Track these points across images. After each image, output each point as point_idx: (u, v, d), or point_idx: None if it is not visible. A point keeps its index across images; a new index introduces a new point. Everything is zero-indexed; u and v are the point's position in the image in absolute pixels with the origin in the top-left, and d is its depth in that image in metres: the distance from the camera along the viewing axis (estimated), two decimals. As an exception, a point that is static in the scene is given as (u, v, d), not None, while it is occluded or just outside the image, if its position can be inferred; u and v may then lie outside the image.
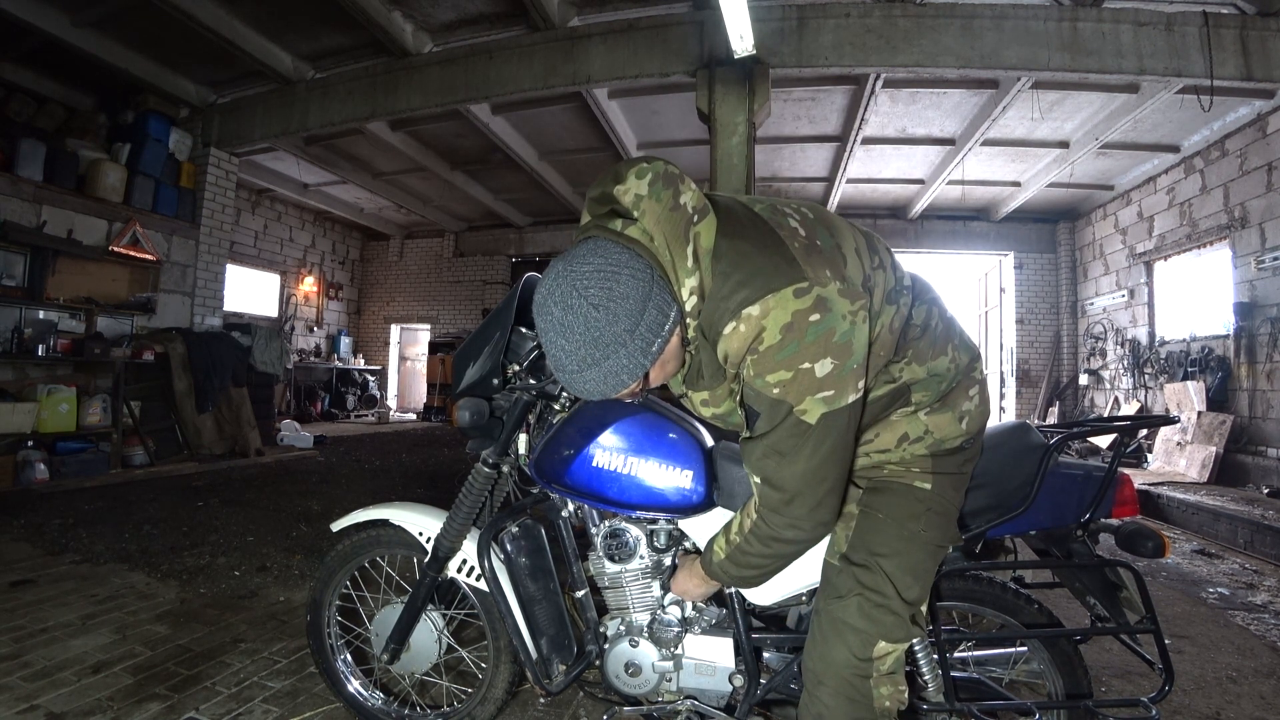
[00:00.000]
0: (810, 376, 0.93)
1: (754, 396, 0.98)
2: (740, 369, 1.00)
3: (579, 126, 7.24)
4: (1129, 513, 1.23)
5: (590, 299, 0.90)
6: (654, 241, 0.97)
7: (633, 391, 1.03)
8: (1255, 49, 4.74)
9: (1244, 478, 6.01)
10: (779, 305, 0.92)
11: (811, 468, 0.98)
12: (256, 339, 7.42)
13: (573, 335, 0.91)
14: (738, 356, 0.97)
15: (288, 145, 7.54)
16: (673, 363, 1.04)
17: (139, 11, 5.31)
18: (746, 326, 0.94)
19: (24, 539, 3.47)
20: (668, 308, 0.95)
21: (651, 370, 1.00)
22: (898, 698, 1.09)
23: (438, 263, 12.34)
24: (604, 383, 0.94)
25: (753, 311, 0.93)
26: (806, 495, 1.00)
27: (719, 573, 1.19)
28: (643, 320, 0.92)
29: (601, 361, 0.92)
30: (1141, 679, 2.12)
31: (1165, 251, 7.65)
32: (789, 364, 0.92)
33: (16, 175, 5.56)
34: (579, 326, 0.90)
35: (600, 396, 0.98)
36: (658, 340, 0.94)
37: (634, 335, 0.91)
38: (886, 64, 4.97)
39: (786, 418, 0.96)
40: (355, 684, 1.76)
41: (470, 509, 1.51)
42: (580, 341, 0.91)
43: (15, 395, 5.16)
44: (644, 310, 0.91)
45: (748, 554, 1.11)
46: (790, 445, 0.97)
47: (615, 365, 0.92)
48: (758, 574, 1.16)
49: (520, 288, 1.49)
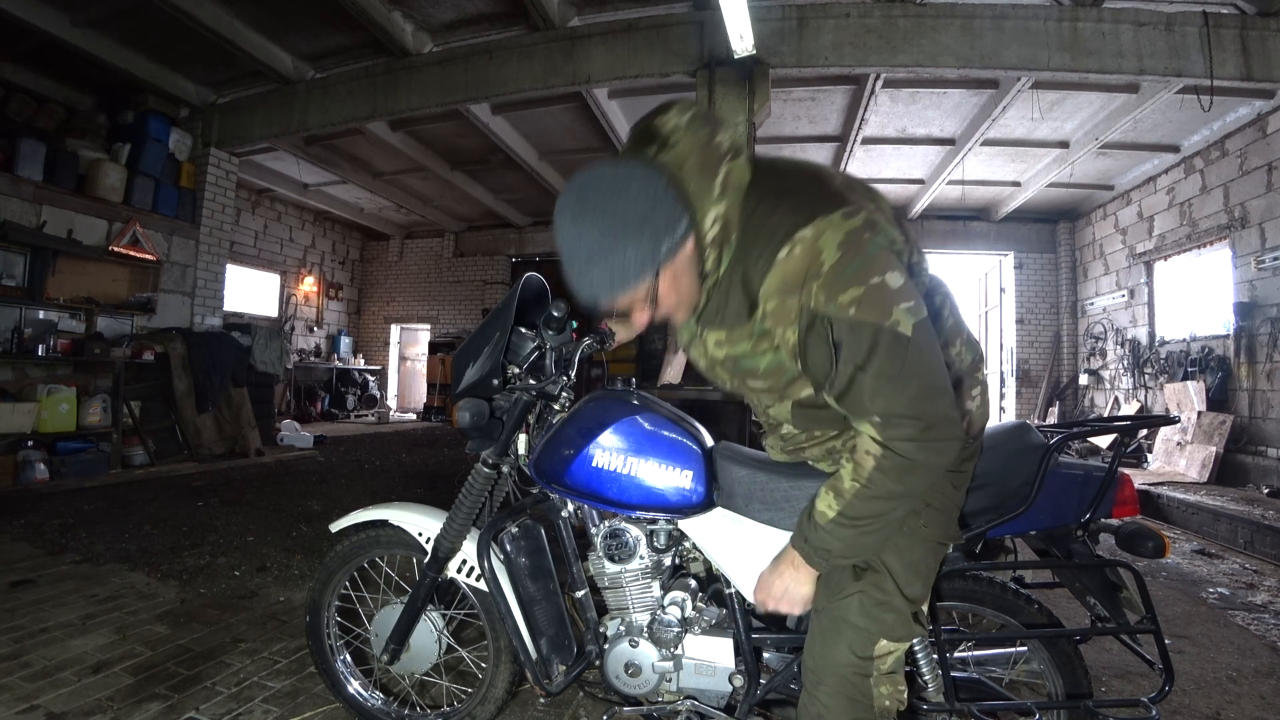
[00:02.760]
0: (885, 289, 0.91)
1: (830, 328, 0.93)
2: (799, 305, 0.94)
3: (579, 126, 7.24)
4: (1129, 513, 1.23)
5: (603, 196, 0.92)
6: (681, 169, 0.98)
7: (641, 304, 1.01)
8: (1255, 49, 4.74)
9: (1244, 478, 6.01)
10: (831, 227, 0.92)
11: (928, 383, 0.92)
12: (256, 339, 7.42)
13: (582, 228, 0.93)
14: (795, 284, 0.94)
15: (288, 145, 7.54)
16: (684, 281, 1.01)
17: (139, 11, 5.31)
18: (802, 249, 0.93)
19: (24, 539, 3.47)
20: (679, 216, 0.95)
21: (661, 285, 0.99)
22: (897, 697, 1.09)
23: (438, 263, 12.34)
24: (612, 277, 0.94)
25: (805, 234, 0.93)
26: (936, 410, 0.93)
27: (831, 541, 1.02)
28: (651, 218, 0.92)
29: (608, 254, 0.93)
30: (1141, 679, 2.12)
31: (1165, 251, 7.65)
32: (859, 279, 0.91)
33: (16, 175, 5.56)
34: (589, 220, 0.93)
35: (609, 297, 0.96)
36: (667, 241, 0.94)
37: (642, 232, 0.92)
38: (886, 64, 4.97)
39: (880, 337, 0.90)
40: (355, 684, 1.76)
41: (470, 509, 1.51)
42: (590, 234, 0.93)
43: (15, 395, 5.16)
44: (653, 211, 0.92)
45: (874, 498, 0.97)
46: (896, 366, 0.91)
47: (623, 258, 0.93)
48: (879, 526, 1.00)
49: (520, 288, 1.49)
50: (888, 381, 0.91)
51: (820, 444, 1.18)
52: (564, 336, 1.51)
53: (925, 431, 0.93)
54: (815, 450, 1.19)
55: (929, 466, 0.96)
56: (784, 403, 1.16)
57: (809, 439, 1.19)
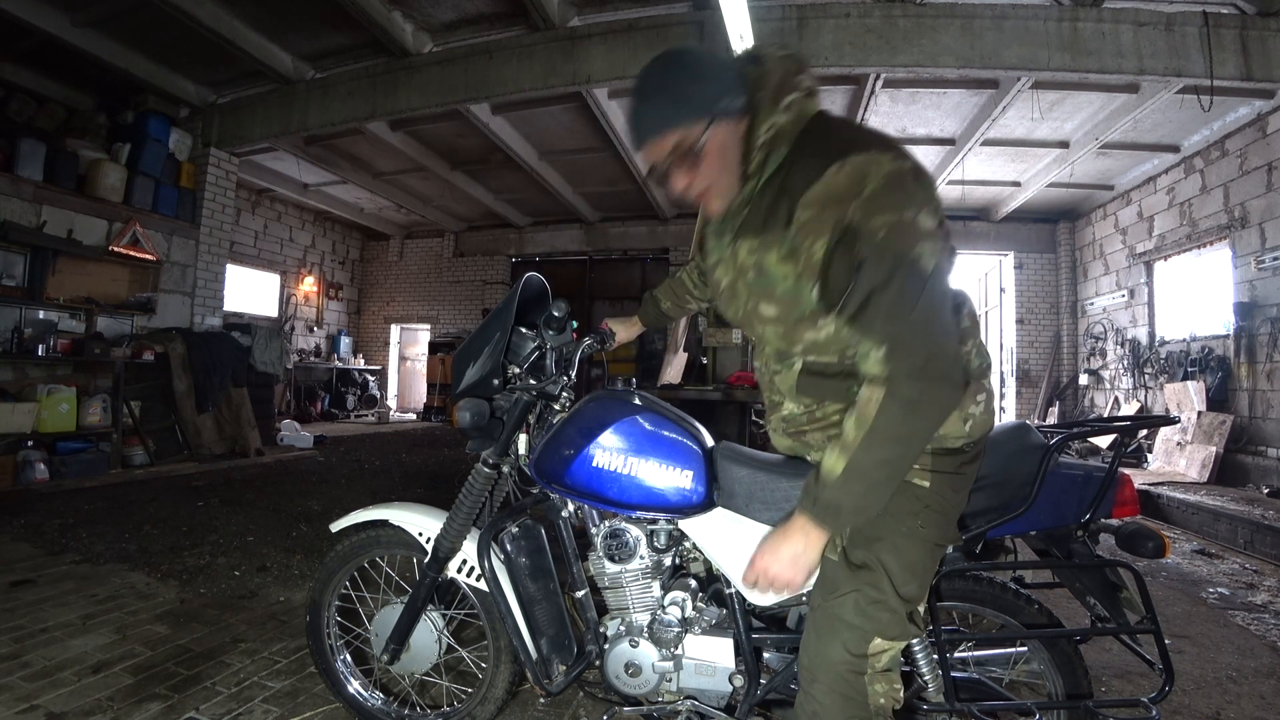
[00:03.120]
0: (916, 225, 0.96)
1: (857, 246, 0.96)
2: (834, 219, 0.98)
3: (579, 126, 7.24)
4: (1129, 513, 1.23)
5: (687, 55, 1.06)
6: (759, 79, 1.07)
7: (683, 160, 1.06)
8: (1255, 49, 4.74)
9: (1244, 478, 6.01)
10: (882, 161, 0.97)
11: (937, 319, 0.96)
12: (256, 339, 7.42)
13: (659, 68, 1.06)
14: (835, 199, 0.97)
15: (288, 145, 7.54)
16: (728, 158, 1.07)
17: (139, 11, 5.31)
18: (850, 170, 0.97)
19: (24, 539, 3.47)
20: (741, 93, 1.05)
21: (708, 142, 1.04)
22: (893, 695, 1.09)
23: (438, 263, 12.34)
24: (660, 112, 1.04)
25: (857, 159, 0.97)
26: (942, 347, 0.96)
27: (840, 496, 0.99)
28: (718, 80, 1.03)
29: (661, 92, 1.04)
30: (1141, 679, 2.12)
31: (1165, 251, 7.65)
32: (895, 208, 0.95)
33: (16, 175, 5.56)
34: (668, 65, 1.05)
35: (654, 131, 1.05)
36: (725, 101, 1.03)
37: (708, 83, 1.03)
38: (886, 64, 4.97)
39: (901, 265, 0.94)
40: (355, 684, 1.76)
41: (470, 509, 1.51)
42: (665, 74, 1.05)
43: (15, 395, 5.16)
44: (721, 76, 1.04)
45: (880, 443, 0.96)
46: (912, 296, 0.94)
47: (675, 100, 1.03)
48: (887, 476, 0.99)
49: (520, 288, 1.49)
50: (901, 307, 0.94)
51: (821, 426, 1.18)
52: (564, 336, 1.51)
53: (929, 364, 0.94)
54: (816, 435, 1.19)
55: (932, 406, 0.97)
56: (791, 367, 1.17)
57: (810, 420, 1.18)
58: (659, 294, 1.82)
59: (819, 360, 1.13)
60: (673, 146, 1.05)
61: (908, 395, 0.95)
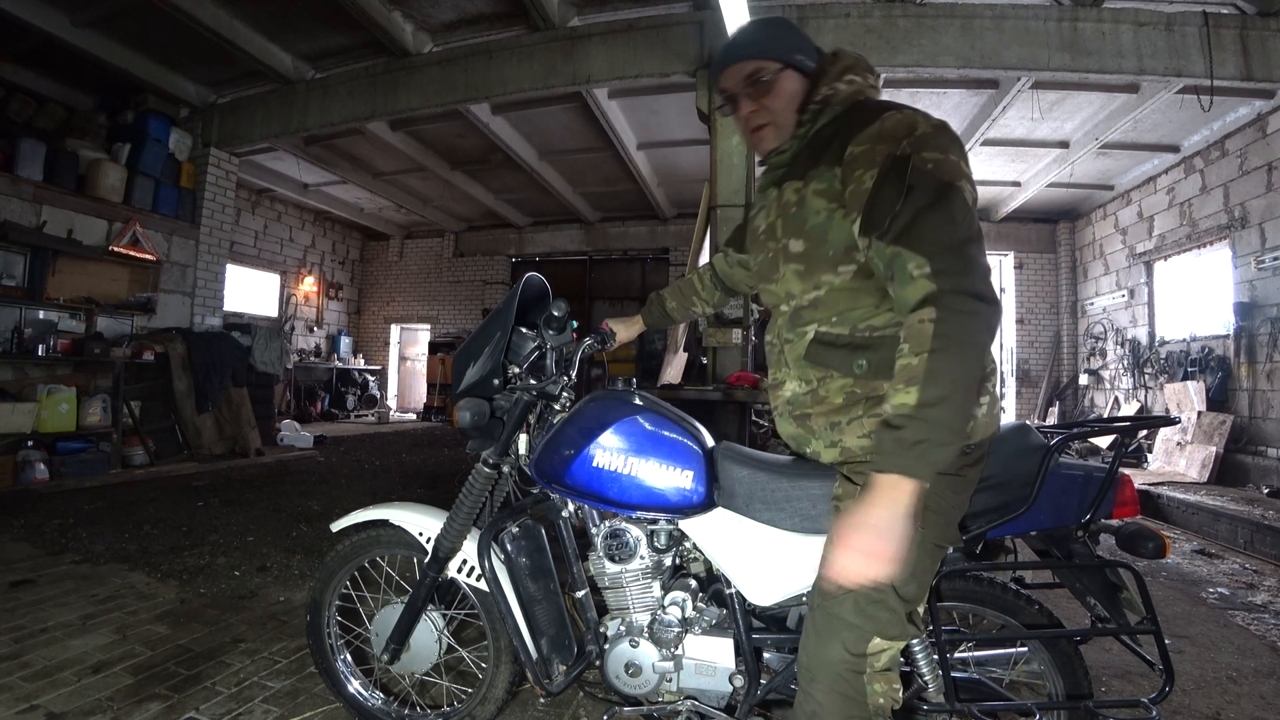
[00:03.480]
0: (961, 166, 1.05)
1: (906, 175, 1.03)
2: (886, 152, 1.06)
3: (579, 126, 7.24)
4: (1130, 513, 1.23)
5: (763, 18, 1.30)
6: (832, 59, 1.24)
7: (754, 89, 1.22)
8: (1255, 49, 4.74)
9: (1244, 478, 6.01)
10: (929, 117, 1.09)
11: (981, 247, 1.01)
12: (256, 339, 7.42)
13: (742, 27, 1.30)
14: (888, 138, 1.06)
15: (288, 145, 7.54)
16: (790, 98, 1.23)
17: (139, 11, 5.31)
18: (902, 117, 1.08)
19: (24, 539, 3.47)
20: (812, 57, 1.24)
21: (780, 80, 1.22)
22: (892, 695, 1.09)
23: (438, 263, 12.34)
24: (746, 46, 1.24)
25: (907, 112, 1.09)
26: (982, 264, 0.99)
27: (923, 428, 0.92)
28: (797, 42, 1.24)
29: (749, 32, 1.27)
30: (1141, 679, 2.12)
31: (1165, 251, 7.65)
32: (943, 149, 1.04)
33: (16, 175, 5.56)
34: (749, 23, 1.30)
35: (737, 57, 1.24)
36: (795, 56, 1.22)
37: (789, 38, 1.24)
38: (886, 64, 4.97)
39: (948, 190, 1.01)
40: (355, 684, 1.76)
41: (470, 509, 1.51)
42: (745, 28, 1.29)
43: (15, 395, 5.16)
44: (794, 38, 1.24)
45: (952, 351, 0.93)
46: (958, 217, 1.00)
47: (759, 40, 1.24)
48: (962, 393, 0.94)
49: (521, 287, 1.49)
50: (948, 224, 0.99)
51: (825, 411, 1.19)
52: (565, 336, 1.51)
53: (973, 281, 0.97)
54: (820, 420, 1.20)
55: (980, 320, 0.96)
56: (802, 337, 1.21)
57: (813, 400, 1.20)
58: (665, 295, 1.82)
59: (830, 331, 1.17)
60: (749, 73, 1.23)
61: (960, 308, 0.95)
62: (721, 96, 1.30)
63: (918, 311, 0.98)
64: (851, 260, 1.13)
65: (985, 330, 0.96)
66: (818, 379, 1.19)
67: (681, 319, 1.85)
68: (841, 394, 1.17)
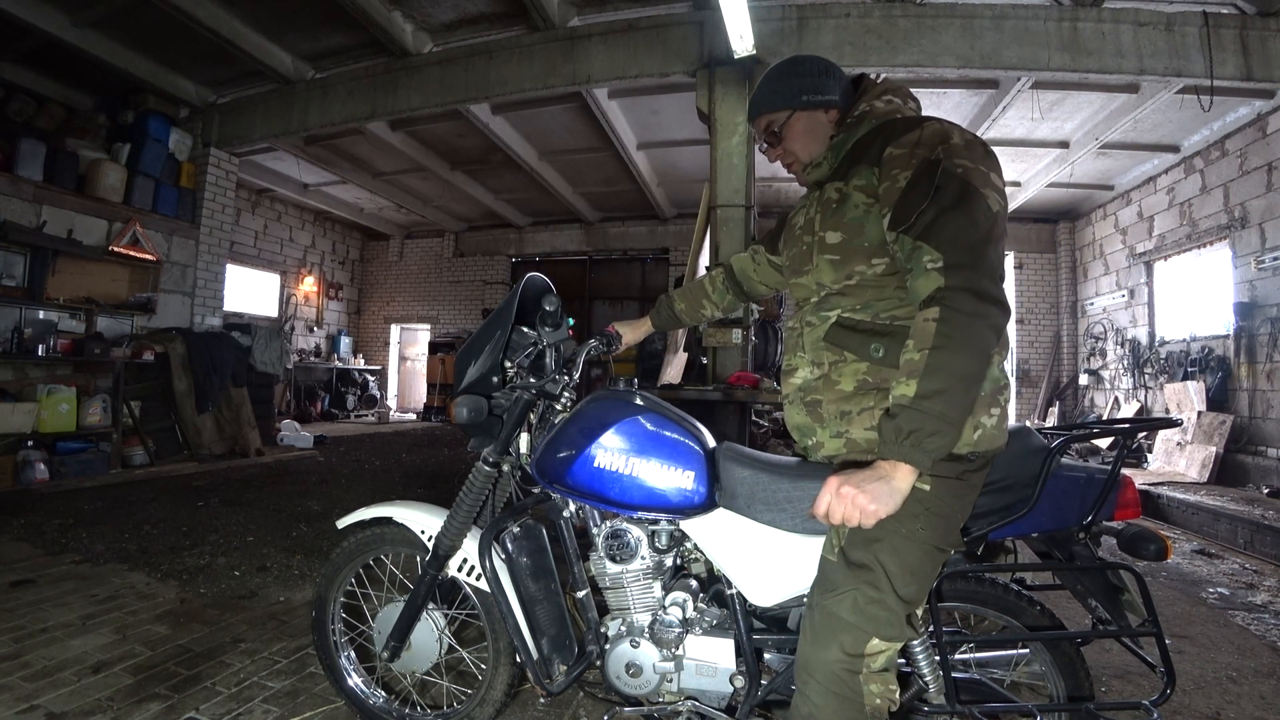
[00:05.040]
0: (991, 177, 1.10)
1: (936, 177, 1.09)
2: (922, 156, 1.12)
3: (579, 126, 7.24)
4: (1131, 515, 1.23)
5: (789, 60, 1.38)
6: (869, 90, 1.32)
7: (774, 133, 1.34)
8: (1255, 49, 4.74)
9: (1244, 478, 6.01)
10: (964, 131, 1.16)
11: (998, 253, 1.07)
12: (256, 339, 7.42)
13: (783, 63, 1.38)
14: (925, 144, 1.13)
15: (288, 145, 7.53)
16: (815, 133, 1.32)
17: (139, 11, 5.30)
18: (940, 128, 1.15)
19: (24, 539, 3.47)
20: (822, 89, 1.32)
21: (787, 137, 1.34)
22: (889, 696, 1.09)
23: (438, 263, 12.34)
24: (756, 95, 1.38)
25: (948, 125, 1.17)
26: (995, 271, 1.05)
27: (919, 419, 0.98)
28: (797, 82, 1.32)
29: (761, 84, 1.37)
30: (1142, 679, 2.12)
31: (1165, 251, 7.65)
32: (974, 159, 1.11)
33: (16, 175, 5.56)
34: (792, 62, 1.37)
35: (752, 113, 1.38)
36: (799, 100, 1.32)
37: (786, 82, 1.33)
38: (886, 64, 4.97)
39: (973, 196, 1.07)
40: (357, 680, 1.76)
41: (471, 508, 1.51)
42: (784, 65, 1.37)
43: (15, 395, 5.15)
44: (825, 74, 1.33)
45: (946, 355, 0.98)
46: (980, 224, 1.05)
47: (763, 92, 1.36)
48: (961, 390, 0.99)
49: (521, 287, 1.49)
50: (969, 225, 1.05)
51: (836, 398, 1.20)
52: (560, 333, 1.51)
53: (983, 284, 1.02)
54: (830, 407, 1.21)
55: (985, 322, 1.01)
56: (825, 321, 1.24)
57: (825, 384, 1.22)
58: (675, 296, 1.81)
59: (853, 316, 1.21)
60: (764, 127, 1.37)
61: (965, 308, 1.01)
62: (759, 142, 1.44)
63: (924, 310, 1.04)
64: (885, 254, 1.17)
65: (990, 331, 1.01)
66: (831, 362, 1.22)
67: (691, 322, 1.84)
68: (854, 380, 1.19)
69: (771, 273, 1.65)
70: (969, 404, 1.02)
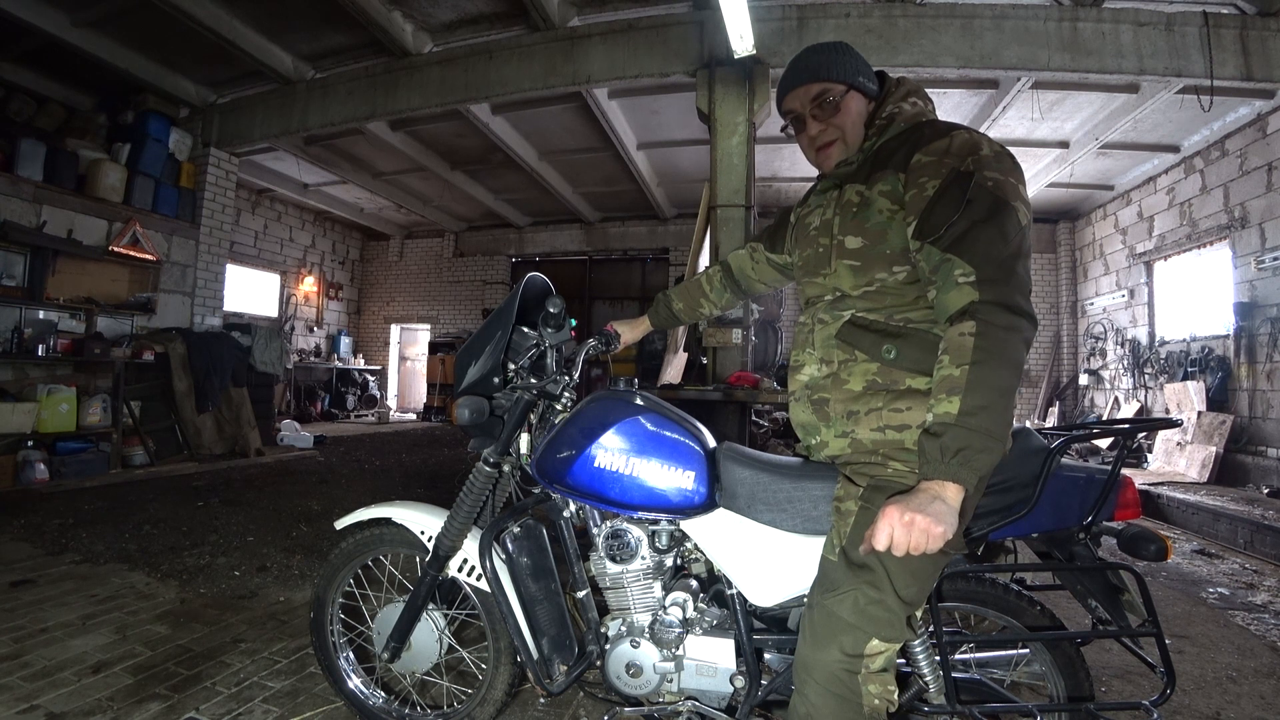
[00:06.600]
0: (1020, 189, 1.10)
1: (968, 188, 1.08)
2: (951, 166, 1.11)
3: (579, 126, 7.24)
4: (1131, 516, 1.23)
5: (828, 43, 1.33)
6: (896, 84, 1.31)
7: (822, 109, 1.27)
8: (1255, 49, 4.74)
9: (1244, 478, 6.01)
10: (993, 142, 1.14)
11: (1024, 263, 1.06)
12: (256, 339, 7.42)
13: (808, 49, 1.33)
14: (954, 154, 1.12)
15: (288, 145, 7.53)
16: (857, 117, 1.28)
17: (139, 11, 5.30)
18: (969, 138, 1.14)
19: (24, 539, 3.47)
20: (870, 80, 1.30)
21: (847, 100, 1.27)
22: (887, 697, 1.09)
23: (438, 263, 12.34)
24: (808, 61, 1.29)
25: (975, 134, 1.15)
26: (1025, 285, 1.04)
27: (964, 436, 0.96)
28: (855, 63, 1.28)
29: (814, 55, 1.29)
30: (1142, 679, 2.12)
31: (1165, 251, 7.65)
32: (1003, 171, 1.10)
33: (16, 175, 5.56)
34: (814, 46, 1.33)
35: (802, 77, 1.28)
36: (858, 79, 1.27)
37: (845, 62, 1.28)
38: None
39: (1004, 209, 1.06)
40: (356, 681, 1.76)
41: (471, 508, 1.51)
42: (810, 51, 1.32)
43: (15, 395, 5.15)
44: (858, 63, 1.29)
45: (992, 363, 0.97)
46: (1010, 236, 1.05)
47: (821, 59, 1.28)
48: (1002, 404, 0.98)
49: (522, 287, 1.49)
50: (1000, 239, 1.05)
51: (843, 398, 1.20)
52: (563, 334, 1.51)
53: (1014, 298, 1.01)
54: (837, 407, 1.21)
55: (1017, 335, 1.01)
56: (839, 319, 1.23)
57: (833, 382, 1.22)
58: (673, 295, 1.80)
59: (867, 316, 1.20)
60: (815, 95, 1.28)
61: (999, 321, 1.00)
62: (787, 118, 1.35)
63: (958, 325, 1.03)
64: (907, 261, 1.16)
65: (1022, 344, 1.02)
66: (841, 361, 1.21)
67: (689, 320, 1.83)
68: (863, 380, 1.18)
69: (771, 271, 1.63)
70: (1010, 419, 1.01)
